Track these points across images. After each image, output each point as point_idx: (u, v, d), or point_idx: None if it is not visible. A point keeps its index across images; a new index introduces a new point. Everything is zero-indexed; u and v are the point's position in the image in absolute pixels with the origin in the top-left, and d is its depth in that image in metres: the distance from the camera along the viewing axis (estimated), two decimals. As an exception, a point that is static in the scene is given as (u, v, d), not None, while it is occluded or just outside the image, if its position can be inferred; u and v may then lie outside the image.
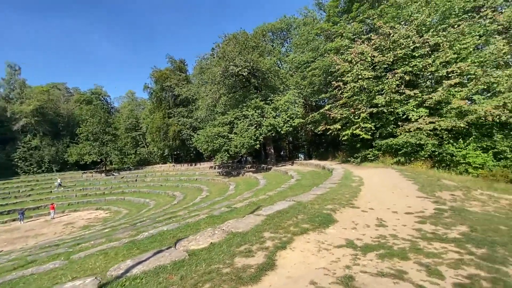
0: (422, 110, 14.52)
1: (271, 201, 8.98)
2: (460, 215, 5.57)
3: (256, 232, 4.60)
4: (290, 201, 6.81)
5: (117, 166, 47.31)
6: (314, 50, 24.00)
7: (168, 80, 41.75)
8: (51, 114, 44.37)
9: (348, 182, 10.04)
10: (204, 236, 4.50)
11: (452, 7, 14.30)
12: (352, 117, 16.90)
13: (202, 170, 37.87)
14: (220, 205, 12.07)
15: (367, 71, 15.66)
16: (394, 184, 9.46)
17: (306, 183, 13.44)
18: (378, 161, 16.21)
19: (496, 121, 13.44)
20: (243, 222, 5.16)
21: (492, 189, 9.87)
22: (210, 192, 22.67)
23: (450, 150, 13.58)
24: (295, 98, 25.19)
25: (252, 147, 24.51)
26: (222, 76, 26.19)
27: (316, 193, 7.91)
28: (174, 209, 16.59)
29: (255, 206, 8.60)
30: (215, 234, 4.57)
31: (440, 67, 14.16)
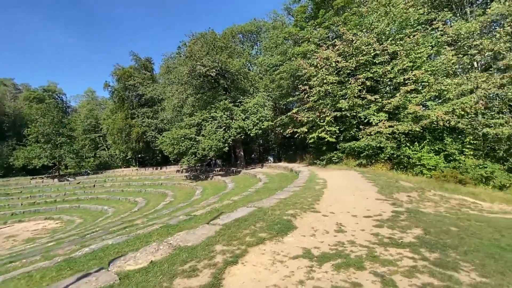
0: (382, 115, 15.20)
1: (234, 207, 8.55)
2: (415, 217, 5.65)
3: (206, 246, 4.13)
4: (251, 207, 6.44)
5: (73, 170, 43.34)
6: (282, 53, 24.19)
7: (132, 78, 39.39)
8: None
9: (312, 185, 9.98)
10: (145, 253, 3.92)
11: (408, 19, 15.24)
12: (318, 120, 17.16)
13: (168, 174, 36.18)
14: (182, 212, 11.34)
15: (332, 76, 16.03)
16: (356, 186, 9.59)
17: (273, 186, 13.24)
18: (342, 163, 16.63)
19: (446, 126, 14.50)
20: (195, 234, 4.65)
21: (443, 189, 10.49)
22: (175, 197, 21.55)
23: (407, 153, 14.34)
24: (264, 100, 25.15)
25: (220, 150, 23.87)
26: (189, 76, 25.27)
27: (280, 197, 7.65)
28: (133, 217, 15.34)
29: (216, 213, 8.10)
30: (159, 250, 4.01)
31: (398, 74, 14.97)
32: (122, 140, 39.79)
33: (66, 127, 37.92)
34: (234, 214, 5.85)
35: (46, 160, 34.62)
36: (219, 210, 8.41)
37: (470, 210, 7.33)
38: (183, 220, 7.43)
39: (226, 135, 23.74)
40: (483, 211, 7.48)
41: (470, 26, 14.44)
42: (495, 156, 15.10)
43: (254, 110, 24.51)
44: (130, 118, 39.56)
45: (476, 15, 15.73)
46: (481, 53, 14.74)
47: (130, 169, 42.33)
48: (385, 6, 15.50)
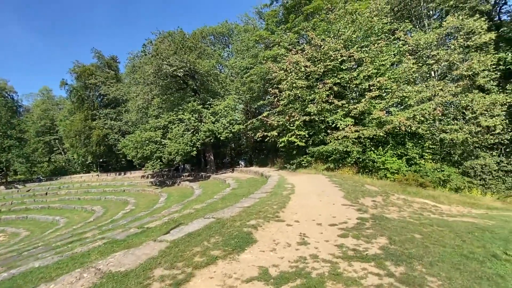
0: (348, 120, 15.44)
1: (194, 217, 7.81)
2: (380, 225, 5.42)
3: (143, 271, 3.41)
4: (210, 218, 5.80)
5: (24, 176, 38.89)
6: (253, 57, 23.93)
7: (93, 77, 36.59)
8: None
9: (279, 191, 9.58)
10: (62, 285, 3.10)
11: (372, 27, 15.77)
12: (288, 124, 17.01)
13: (132, 179, 33.89)
14: (139, 223, 10.27)
15: (301, 80, 16.00)
16: (323, 190, 9.37)
17: (241, 192, 12.66)
18: (311, 167, 16.59)
19: (407, 131, 15.11)
20: (134, 255, 3.89)
21: (406, 193, 10.73)
22: (137, 205, 19.97)
23: (372, 157, 14.66)
24: (235, 103, 24.59)
25: (188, 154, 22.74)
26: (155, 76, 23.90)
27: (244, 206, 7.09)
28: (86, 229, 13.74)
29: (173, 224, 7.30)
30: (81, 278, 3.21)
31: (363, 80, 15.35)
32: (80, 143, 36.57)
33: (16, 128, 33.94)
34: (188, 227, 5.16)
35: (-12, 165, 30.56)
36: (177, 221, 7.61)
37: (432, 214, 7.39)
38: (133, 234, 6.53)
39: (194, 139, 22.72)
40: (443, 214, 7.60)
41: (428, 37, 15.32)
42: (451, 160, 16.09)
43: (224, 113, 23.81)
44: (90, 119, 36.58)
45: (433, 27, 16.79)
46: (438, 63, 15.69)
47: (90, 175, 39.04)
48: (352, 14, 15.91)
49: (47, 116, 45.26)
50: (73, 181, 35.81)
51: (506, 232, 5.89)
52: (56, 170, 42.27)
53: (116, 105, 38.42)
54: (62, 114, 43.57)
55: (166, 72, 22.78)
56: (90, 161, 41.75)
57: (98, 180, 36.13)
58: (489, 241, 5.08)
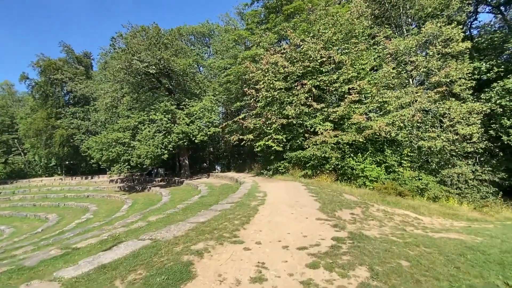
0: (327, 124, 14.70)
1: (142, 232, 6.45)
2: (359, 247, 4.41)
3: None
4: (145, 240, 4.50)
5: (-28, 179, 34.81)
6: (233, 57, 22.88)
7: (60, 72, 33.75)
8: None
9: (249, 200, 8.42)
10: None
11: (353, 29, 15.28)
12: (265, 127, 16.01)
13: (99, 184, 31.25)
14: (86, 236, 8.67)
15: (279, 81, 15.12)
16: (297, 201, 8.34)
17: (208, 201, 11.36)
18: (288, 173, 15.62)
19: (387, 138, 14.61)
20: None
21: (386, 203, 9.97)
22: (97, 213, 17.94)
23: (350, 164, 13.95)
24: (212, 105, 23.27)
25: (158, 157, 21.03)
26: (126, 72, 22.09)
27: (198, 221, 5.85)
28: (25, 242, 11.72)
29: (111, 243, 5.88)
30: None
31: (343, 84, 14.73)
32: (42, 144, 33.37)
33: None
34: (110, 254, 3.84)
35: None
36: (117, 238, 6.19)
37: (415, 229, 6.56)
38: (48, 259, 5.05)
39: (166, 141, 21.08)
40: (427, 229, 6.80)
41: (408, 43, 15.06)
42: (428, 168, 15.78)
43: (200, 114, 22.44)
44: (54, 118, 33.58)
45: (412, 33, 16.66)
46: (416, 69, 15.46)
47: (52, 179, 35.75)
48: (332, 16, 15.35)
49: (6, 113, 41.20)
50: (31, 185, 32.48)
51: (497, 252, 5.16)
52: (14, 172, 38.36)
53: (85, 104, 35.68)
54: (23, 112, 39.83)
55: (137, 68, 21.08)
56: (54, 164, 38.34)
57: (60, 184, 33.04)
58: (485, 267, 4.25)
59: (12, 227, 19.16)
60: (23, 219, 21.49)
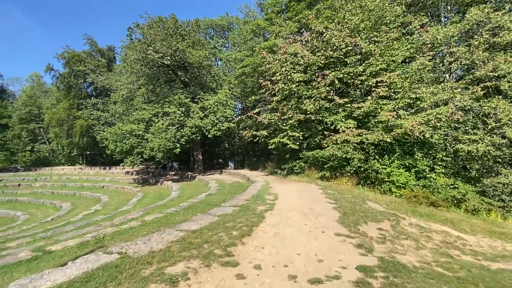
0: (350, 122, 13.21)
1: (131, 235, 5.61)
2: (396, 285, 3.18)
3: None
4: (111, 255, 3.55)
5: (2, 165, 36.58)
6: (250, 49, 21.78)
7: (83, 64, 34.43)
8: None
9: (255, 204, 7.34)
10: None
11: (384, 16, 13.60)
12: (280, 124, 14.81)
13: (115, 175, 31.56)
14: (78, 232, 8.06)
15: (298, 73, 13.81)
16: (312, 208, 7.13)
17: (215, 200, 10.42)
18: (303, 174, 14.35)
19: (418, 139, 12.92)
20: None
21: (418, 215, 8.48)
22: (106, 205, 17.71)
23: (375, 167, 12.42)
24: (227, 99, 22.36)
25: (170, 151, 20.48)
26: (141, 63, 21.70)
27: (190, 228, 4.87)
28: (28, 232, 11.49)
29: (91, 246, 5.06)
30: None
31: (370, 77, 13.15)
32: (64, 133, 34.33)
33: (-8, 113, 31.71)
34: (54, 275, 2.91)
35: (-42, 151, 28.31)
36: (100, 241, 5.36)
37: (462, 254, 5.16)
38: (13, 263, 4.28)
39: (179, 134, 20.48)
40: (477, 254, 5.36)
41: (448, 31, 13.15)
42: (466, 176, 13.83)
43: (214, 108, 21.63)
44: (75, 108, 34.36)
45: (452, 21, 14.63)
46: (457, 61, 13.50)
47: (72, 168, 36.78)
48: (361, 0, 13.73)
49: (34, 103, 43.00)
50: (53, 173, 33.52)
51: None
52: (39, 160, 39.95)
53: (106, 96, 36.24)
54: (49, 102, 41.35)
55: (152, 59, 20.60)
56: (75, 153, 39.48)
57: (79, 174, 33.82)
58: None
59: (28, 213, 19.50)
60: (40, 206, 21.94)
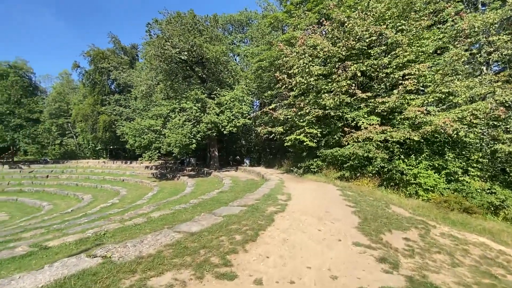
0: (373, 118, 12.25)
1: (133, 233, 5.35)
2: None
3: None
4: (94, 258, 3.19)
5: (33, 157, 38.93)
6: (268, 43, 21.15)
7: (106, 61, 35.58)
8: None
9: (266, 204, 6.83)
10: None
11: (413, 2, 12.39)
12: (297, 119, 14.12)
13: (136, 170, 32.39)
14: (86, 226, 8.02)
15: (317, 66, 13.02)
16: (328, 211, 6.49)
17: (225, 198, 10.03)
18: (321, 174, 13.59)
19: (449, 138, 11.73)
20: None
21: (450, 223, 7.54)
22: (124, 198, 18.05)
23: (400, 167, 11.41)
24: (243, 95, 21.94)
25: (186, 146, 20.48)
26: (160, 59, 21.83)
27: (189, 230, 4.45)
28: (47, 223, 11.81)
29: (89, 244, 4.82)
30: None
31: (396, 70, 12.08)
32: (88, 128, 35.84)
33: (25, 108, 33.66)
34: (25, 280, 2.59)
35: (-6, 143, 30.42)
36: (100, 238, 5.12)
37: (508, 274, 4.32)
38: (6, 258, 4.11)
39: (195, 130, 20.40)
40: (527, 275, 4.48)
41: (488, 17, 11.71)
42: (505, 180, 12.37)
43: (230, 104, 21.31)
44: (99, 104, 35.65)
45: (492, 7, 13.07)
46: (497, 51, 12.03)
47: (96, 161, 38.29)
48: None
49: (63, 99, 45.29)
50: (78, 166, 35.09)
51: None
52: (67, 153, 42.06)
53: (128, 92, 37.29)
54: (76, 98, 43.36)
55: (170, 54, 20.61)
56: (100, 148, 41.09)
57: (102, 167, 35.13)
58: None
59: (52, 204, 20.41)
60: (64, 197, 22.93)
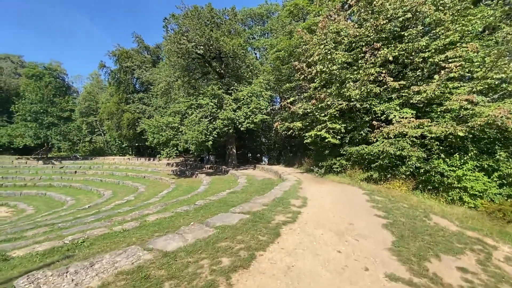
0: (407, 111, 10.57)
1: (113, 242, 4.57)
2: None
3: None
4: None
5: (65, 153, 41.20)
6: (288, 33, 19.83)
7: (130, 60, 36.39)
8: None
9: (273, 212, 5.75)
10: None
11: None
12: (317, 114, 12.78)
13: (157, 166, 32.80)
14: (93, 226, 7.52)
15: (341, 52, 11.55)
16: (352, 222, 5.25)
17: (234, 200, 9.06)
18: (345, 174, 12.15)
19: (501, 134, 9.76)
20: None
21: (510, 240, 5.91)
22: (139, 196, 17.90)
23: (441, 168, 9.67)
24: (261, 89, 20.87)
25: (202, 143, 19.92)
26: (177, 55, 21.46)
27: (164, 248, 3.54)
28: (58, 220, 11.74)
29: (62, 254, 4.12)
30: None
31: (436, 53, 10.27)
32: (114, 126, 37.01)
33: (57, 107, 35.44)
34: None
35: (30, 140, 32.32)
36: (74, 248, 4.40)
37: None
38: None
39: (211, 127, 19.76)
40: None
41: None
42: None
43: (248, 100, 20.36)
44: (124, 102, 36.60)
45: None
46: None
47: (121, 158, 39.50)
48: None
49: (93, 99, 47.48)
50: (104, 163, 36.36)
51: None
52: (95, 150, 44.03)
53: (150, 90, 37.97)
54: (104, 97, 45.16)
55: (186, 49, 20.12)
56: (125, 145, 42.44)
57: (126, 163, 36.09)
58: None
59: (75, 199, 20.99)
60: (87, 193, 23.58)
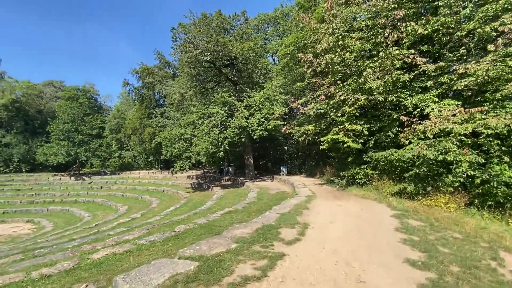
0: (449, 102, 8.11)
1: None
2: None
3: None
4: None
5: (96, 169, 43.14)
6: (300, 29, 18.11)
7: (151, 76, 37.33)
8: (28, 110, 41.24)
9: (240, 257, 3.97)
10: None
11: None
12: (333, 114, 10.73)
13: (178, 179, 32.37)
14: (64, 256, 6.38)
15: (358, 35, 9.51)
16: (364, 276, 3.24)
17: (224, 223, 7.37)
18: (371, 186, 9.79)
19: None
20: None
21: None
22: (149, 212, 17.05)
23: (506, 176, 6.99)
24: (274, 93, 19.20)
25: (213, 155, 18.66)
26: (188, 65, 20.84)
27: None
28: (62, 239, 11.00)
29: None
30: None
31: (482, 25, 7.78)
32: (138, 141, 37.87)
33: (86, 125, 37.32)
34: None
35: (62, 158, 34.11)
36: None
37: None
38: None
39: (222, 137, 18.45)
40: None
41: None
42: None
43: (260, 105, 18.82)
44: (147, 117, 37.40)
45: None
46: None
47: (146, 172, 40.11)
48: None
49: (122, 116, 49.72)
50: (129, 177, 37.08)
51: None
52: (124, 165, 45.50)
53: (171, 104, 38.47)
54: (131, 114, 46.95)
55: (194, 56, 19.36)
56: (151, 159, 43.28)
57: (150, 177, 36.38)
58: None
59: (92, 215, 20.92)
60: (106, 208, 23.57)
